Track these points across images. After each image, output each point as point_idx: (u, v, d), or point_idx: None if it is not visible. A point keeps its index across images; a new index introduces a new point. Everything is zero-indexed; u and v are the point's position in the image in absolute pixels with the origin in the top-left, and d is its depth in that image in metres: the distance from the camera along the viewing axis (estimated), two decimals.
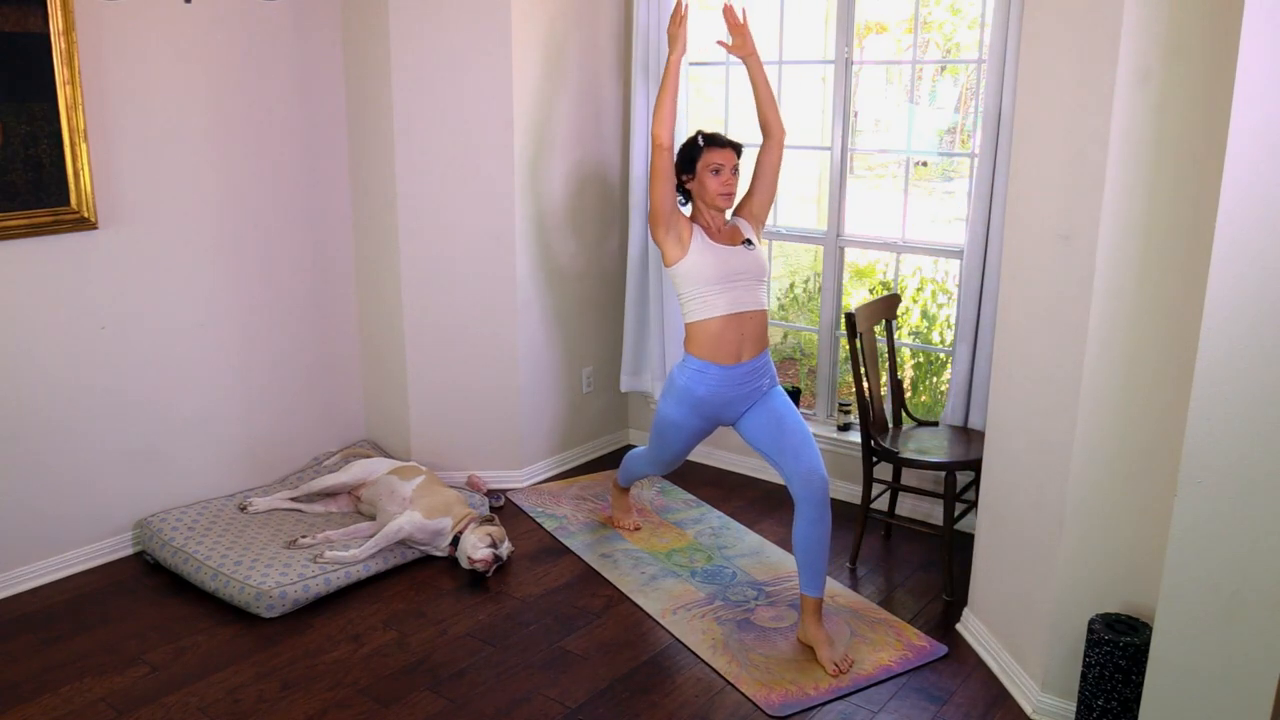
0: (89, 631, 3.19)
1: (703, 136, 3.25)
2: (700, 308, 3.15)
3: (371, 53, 3.97)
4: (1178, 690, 2.31)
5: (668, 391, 3.30)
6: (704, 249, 3.16)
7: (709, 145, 3.22)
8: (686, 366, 3.22)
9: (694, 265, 3.14)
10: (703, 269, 3.13)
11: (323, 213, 4.11)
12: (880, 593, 3.51)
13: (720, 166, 3.18)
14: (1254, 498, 2.13)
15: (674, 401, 3.26)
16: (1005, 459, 2.98)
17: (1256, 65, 1.99)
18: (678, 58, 3.21)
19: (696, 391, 3.20)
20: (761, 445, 3.22)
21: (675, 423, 3.30)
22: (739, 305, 3.15)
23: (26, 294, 3.32)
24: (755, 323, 3.20)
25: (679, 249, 3.15)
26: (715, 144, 3.22)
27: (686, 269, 3.15)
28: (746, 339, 3.17)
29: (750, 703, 2.87)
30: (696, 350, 3.18)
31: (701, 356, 3.17)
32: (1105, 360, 2.54)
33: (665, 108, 3.14)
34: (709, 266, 3.13)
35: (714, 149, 3.20)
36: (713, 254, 3.15)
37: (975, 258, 3.62)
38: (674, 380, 3.26)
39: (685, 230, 3.17)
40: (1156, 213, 2.41)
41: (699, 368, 3.18)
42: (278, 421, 4.09)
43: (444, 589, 3.49)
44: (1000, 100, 3.45)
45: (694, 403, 3.22)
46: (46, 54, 3.19)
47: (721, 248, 3.18)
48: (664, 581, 3.53)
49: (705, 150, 3.21)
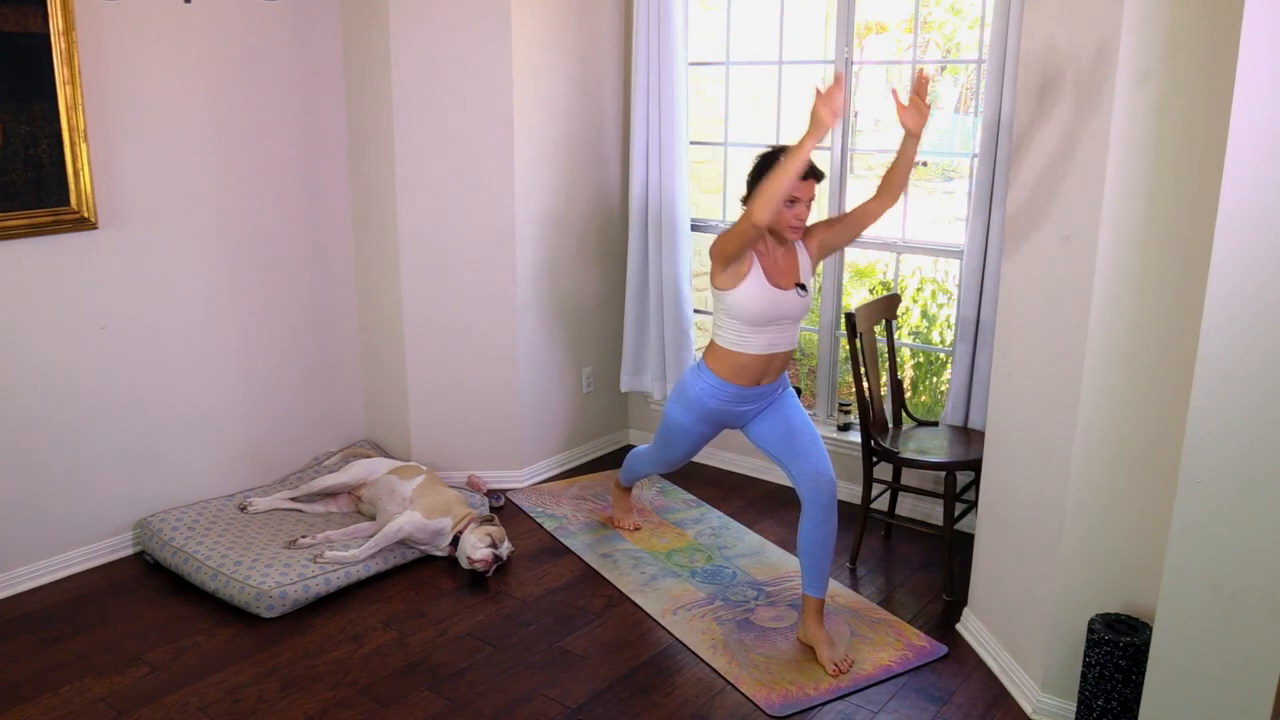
0: (89, 631, 3.19)
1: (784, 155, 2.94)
2: (734, 340, 3.07)
3: (371, 53, 3.97)
4: (1178, 690, 2.31)
5: (679, 396, 3.25)
6: (757, 288, 2.99)
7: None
8: (703, 378, 3.15)
9: (742, 301, 3.00)
10: (748, 308, 3.00)
11: (323, 212, 4.11)
12: (880, 593, 3.51)
13: (798, 199, 2.96)
14: (1254, 498, 2.13)
15: (684, 408, 3.23)
16: (1005, 459, 2.98)
17: (1256, 65, 1.99)
18: (813, 141, 2.73)
19: (708, 404, 3.17)
20: (769, 447, 3.21)
21: (683, 428, 3.28)
22: (773, 347, 3.07)
23: (26, 294, 3.32)
24: (782, 359, 3.14)
25: (733, 280, 3.00)
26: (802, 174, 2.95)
27: (733, 302, 3.01)
28: (770, 371, 3.13)
29: (750, 703, 2.87)
30: (717, 369, 3.12)
31: (720, 376, 3.12)
32: (1105, 360, 2.54)
33: (777, 196, 2.79)
34: (755, 307, 3.00)
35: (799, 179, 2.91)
36: (765, 295, 3.00)
37: (975, 258, 3.62)
38: (687, 387, 3.21)
39: (745, 264, 2.99)
40: (1156, 213, 2.41)
41: (716, 384, 3.13)
42: (278, 421, 4.09)
43: (444, 589, 3.49)
44: (1000, 100, 3.45)
45: (704, 413, 3.20)
46: (46, 54, 3.20)
47: (774, 291, 3.01)
48: (664, 581, 3.53)
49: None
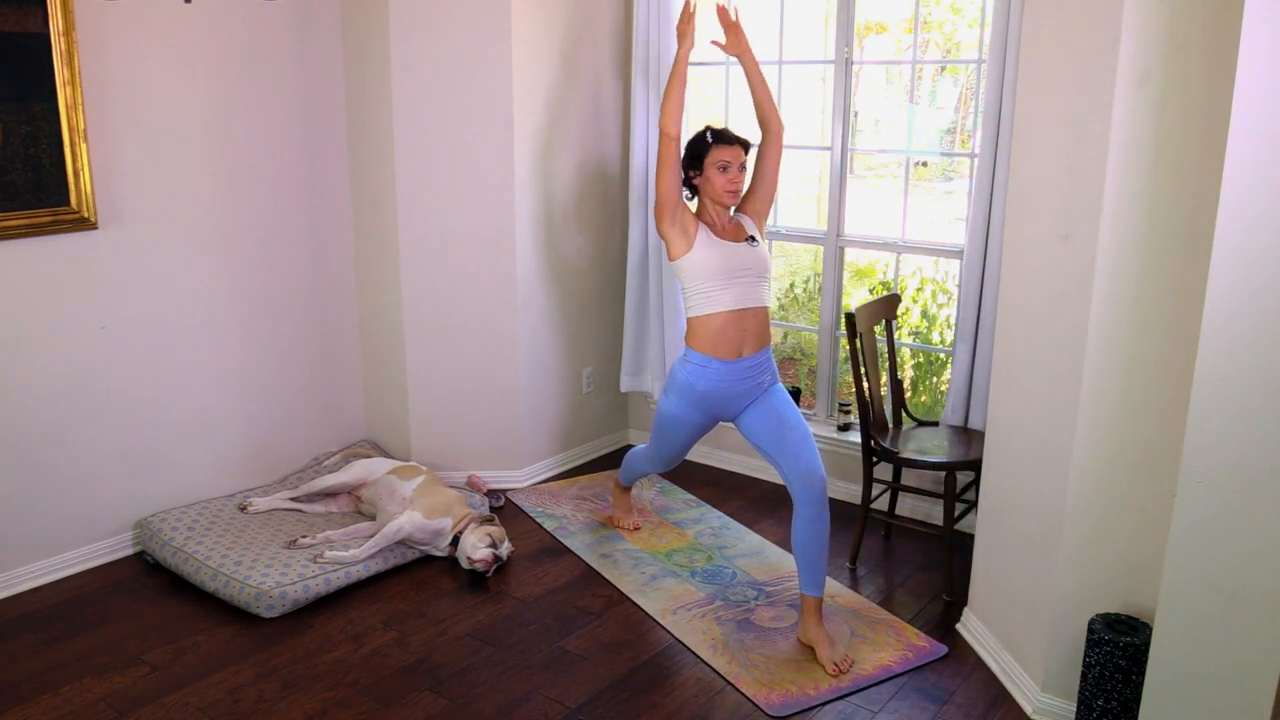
0: (89, 631, 3.19)
1: (711, 133, 3.24)
2: (703, 302, 3.16)
3: (371, 52, 3.96)
4: (1178, 690, 2.31)
5: (669, 387, 3.30)
6: (709, 244, 3.17)
7: (717, 142, 3.21)
8: (688, 361, 3.22)
9: (698, 260, 3.15)
10: (706, 264, 3.14)
11: (322, 212, 4.11)
12: (880, 593, 3.51)
13: (728, 164, 3.19)
14: (1254, 498, 2.13)
15: (674, 396, 3.27)
16: (1005, 459, 2.98)
17: (1256, 65, 1.99)
18: (686, 52, 3.25)
19: (697, 386, 3.20)
20: (761, 443, 3.22)
21: (676, 418, 3.30)
22: (742, 302, 3.16)
23: (26, 294, 3.32)
24: (757, 319, 3.20)
25: (684, 242, 3.16)
26: (723, 141, 3.21)
27: (691, 264, 3.16)
28: (748, 335, 3.18)
29: (750, 703, 2.87)
30: (697, 344, 3.19)
31: (702, 351, 3.18)
32: (1105, 360, 2.54)
33: (673, 99, 3.19)
34: (713, 262, 3.14)
35: (722, 146, 3.20)
36: (718, 249, 3.17)
37: (975, 258, 3.62)
38: (674, 375, 3.27)
39: (690, 224, 3.18)
40: (1156, 212, 2.41)
41: (700, 362, 3.18)
42: (278, 421, 4.09)
43: (444, 589, 3.49)
44: (1000, 100, 3.44)
45: (695, 398, 3.22)
46: (46, 54, 3.19)
47: (726, 244, 3.19)
48: (664, 581, 3.53)
49: (713, 147, 3.20)
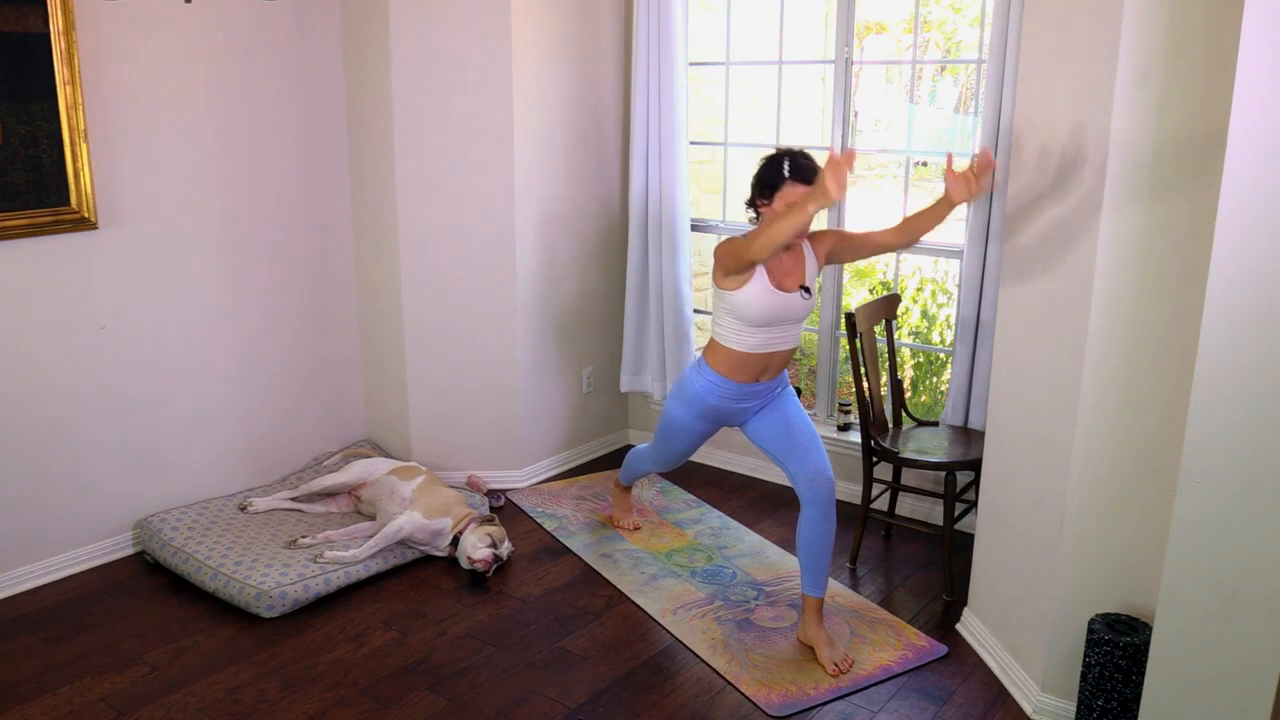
0: (89, 631, 3.19)
1: (790, 164, 2.90)
2: (733, 338, 3.04)
3: (371, 53, 3.97)
4: (1178, 690, 2.31)
5: (678, 394, 3.25)
6: (760, 291, 2.95)
7: (794, 178, 2.89)
8: (702, 375, 3.14)
9: (745, 303, 2.96)
10: (752, 310, 2.96)
11: (323, 212, 4.11)
12: (880, 593, 3.51)
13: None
14: (1254, 497, 2.12)
15: (683, 405, 3.23)
16: (1005, 459, 2.98)
17: (1256, 65, 1.98)
18: (815, 209, 2.66)
19: (708, 400, 3.16)
20: (768, 445, 3.20)
21: (683, 425, 3.27)
22: (771, 346, 3.05)
23: (26, 294, 3.32)
24: (783, 356, 3.12)
25: (737, 282, 2.95)
26: (800, 179, 2.88)
27: (737, 302, 2.97)
28: (770, 368, 3.11)
29: (750, 703, 2.87)
30: (716, 365, 3.10)
31: (719, 372, 3.10)
32: (1105, 360, 2.54)
33: (777, 242, 2.75)
34: (759, 310, 2.96)
35: (798, 184, 2.87)
36: (768, 298, 2.96)
37: (975, 258, 3.62)
38: (686, 384, 3.21)
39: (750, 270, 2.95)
40: (1156, 212, 2.41)
41: (715, 380, 3.11)
42: (278, 421, 4.09)
43: (444, 589, 3.48)
44: (1000, 100, 3.45)
45: (704, 410, 3.19)
46: (46, 54, 3.19)
47: (777, 294, 2.96)
48: (664, 581, 3.53)
49: (789, 183, 2.89)
